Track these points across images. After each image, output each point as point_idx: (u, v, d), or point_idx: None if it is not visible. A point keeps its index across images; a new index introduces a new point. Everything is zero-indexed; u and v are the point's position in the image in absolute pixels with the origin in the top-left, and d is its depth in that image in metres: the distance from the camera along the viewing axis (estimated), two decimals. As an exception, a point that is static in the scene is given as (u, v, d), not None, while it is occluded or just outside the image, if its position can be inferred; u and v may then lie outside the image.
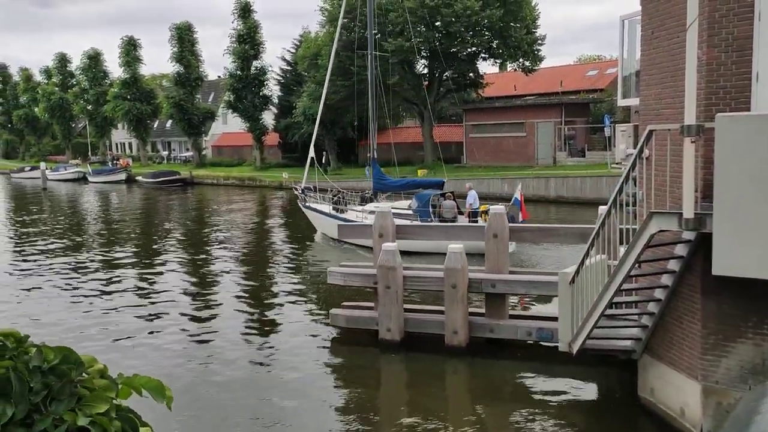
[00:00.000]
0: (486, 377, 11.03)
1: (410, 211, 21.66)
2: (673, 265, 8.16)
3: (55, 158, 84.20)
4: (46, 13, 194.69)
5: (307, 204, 26.69)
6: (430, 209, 21.19)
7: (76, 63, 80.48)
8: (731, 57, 7.41)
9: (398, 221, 18.30)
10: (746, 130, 6.64)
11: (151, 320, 14.71)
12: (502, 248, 12.02)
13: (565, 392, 10.23)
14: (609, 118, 36.78)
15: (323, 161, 49.17)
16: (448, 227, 16.51)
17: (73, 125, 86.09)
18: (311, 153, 27.78)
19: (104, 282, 18.63)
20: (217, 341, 13.10)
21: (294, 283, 18.42)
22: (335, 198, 26.00)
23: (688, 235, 7.66)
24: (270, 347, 12.86)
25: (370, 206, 23.44)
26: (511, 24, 42.59)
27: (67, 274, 19.90)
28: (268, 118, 59.33)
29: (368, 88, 28.19)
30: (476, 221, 20.29)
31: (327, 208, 25.28)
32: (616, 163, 14.33)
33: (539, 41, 44.72)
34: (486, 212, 20.35)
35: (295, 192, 28.35)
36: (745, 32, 7.32)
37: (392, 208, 22.24)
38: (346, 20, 41.41)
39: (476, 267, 12.63)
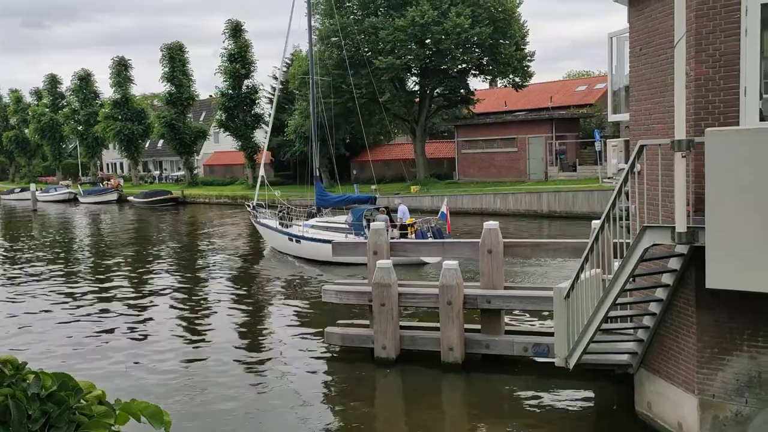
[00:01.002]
0: (482, 393, 10.98)
1: (347, 225, 23.68)
2: (667, 278, 8.19)
3: (45, 179, 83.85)
4: (38, 34, 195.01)
5: (258, 219, 28.07)
6: (364, 223, 22.59)
7: (66, 84, 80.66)
8: (719, 72, 7.49)
9: (337, 235, 21.79)
10: (736, 144, 6.70)
11: (145, 342, 14.59)
12: (497, 264, 12.02)
13: (561, 407, 10.19)
14: (599, 133, 37.09)
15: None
16: (443, 243, 16.55)
17: (64, 146, 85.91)
18: (261, 171, 30.24)
19: (97, 305, 18.46)
20: (211, 362, 12.99)
21: (285, 299, 18.36)
22: (281, 213, 27.31)
23: (681, 248, 7.69)
24: (265, 367, 12.76)
25: (312, 221, 25.45)
26: (501, 41, 43.00)
27: (59, 297, 19.72)
28: (260, 136, 59.44)
29: (311, 110, 30.35)
30: (405, 234, 21.87)
31: (275, 223, 26.71)
32: (608, 178, 14.43)
33: (529, 57, 45.14)
34: (412, 225, 22.36)
35: (248, 209, 30.03)
36: (733, 48, 7.41)
37: (331, 222, 24.92)
38: (336, 39, 41.70)
39: (471, 283, 12.62)
